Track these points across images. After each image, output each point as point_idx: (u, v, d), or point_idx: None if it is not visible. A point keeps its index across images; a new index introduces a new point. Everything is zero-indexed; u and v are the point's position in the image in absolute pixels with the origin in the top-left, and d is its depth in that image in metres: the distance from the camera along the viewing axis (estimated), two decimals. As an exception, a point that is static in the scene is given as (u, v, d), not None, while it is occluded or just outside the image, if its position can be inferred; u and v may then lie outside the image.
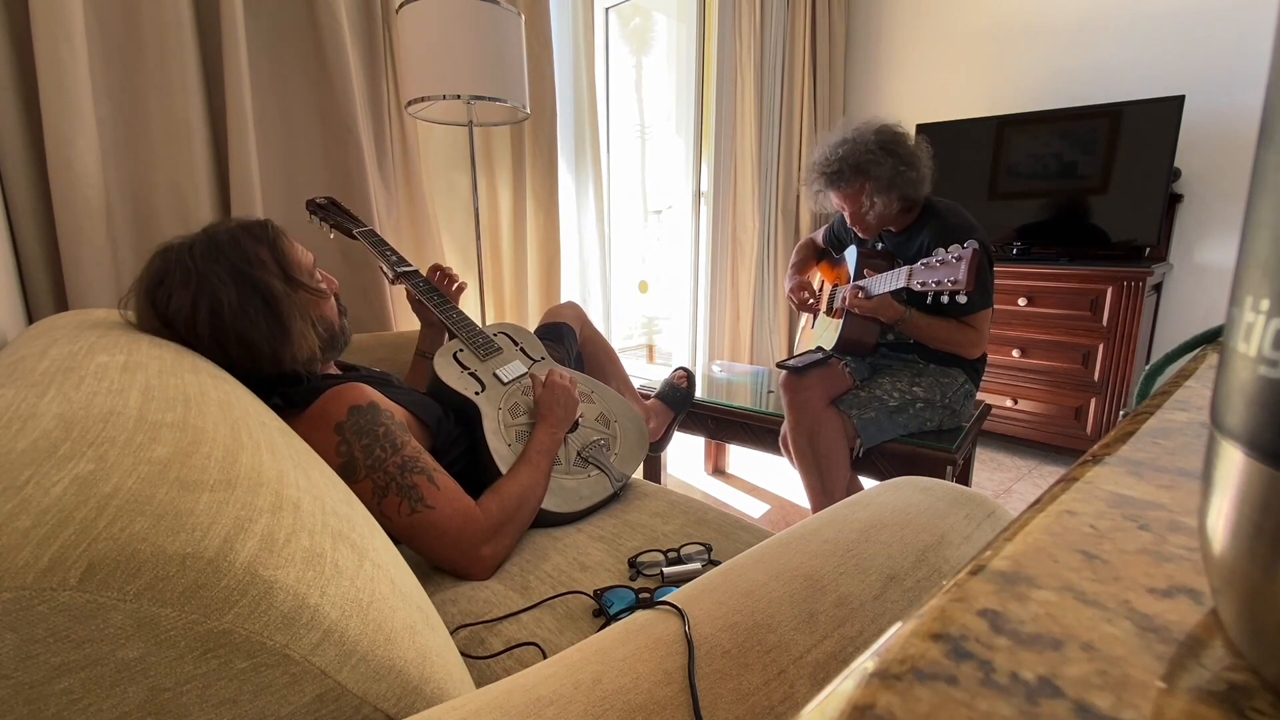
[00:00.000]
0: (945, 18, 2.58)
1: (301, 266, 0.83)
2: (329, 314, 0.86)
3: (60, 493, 0.31)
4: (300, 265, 0.83)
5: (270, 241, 0.80)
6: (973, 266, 1.11)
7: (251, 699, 0.31)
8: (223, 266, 0.74)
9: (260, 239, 0.79)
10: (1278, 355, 0.11)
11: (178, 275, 0.73)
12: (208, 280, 0.73)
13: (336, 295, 0.90)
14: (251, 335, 0.74)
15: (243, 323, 0.73)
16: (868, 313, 1.35)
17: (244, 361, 0.74)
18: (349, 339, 0.91)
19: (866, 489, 0.56)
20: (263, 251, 0.78)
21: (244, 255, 0.76)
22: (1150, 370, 0.33)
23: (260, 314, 0.74)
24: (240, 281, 0.74)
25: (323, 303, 0.85)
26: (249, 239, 0.78)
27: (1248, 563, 0.12)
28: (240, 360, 0.74)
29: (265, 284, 0.76)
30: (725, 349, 2.65)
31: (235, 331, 0.73)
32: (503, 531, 0.79)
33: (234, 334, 0.73)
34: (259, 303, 0.74)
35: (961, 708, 0.12)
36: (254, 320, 0.74)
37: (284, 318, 0.76)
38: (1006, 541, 0.17)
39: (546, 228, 1.85)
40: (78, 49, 1.00)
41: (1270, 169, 0.12)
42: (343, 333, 0.88)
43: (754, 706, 0.33)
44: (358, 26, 1.41)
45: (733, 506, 1.88)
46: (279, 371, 0.77)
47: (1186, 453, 0.23)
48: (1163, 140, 1.94)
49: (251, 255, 0.77)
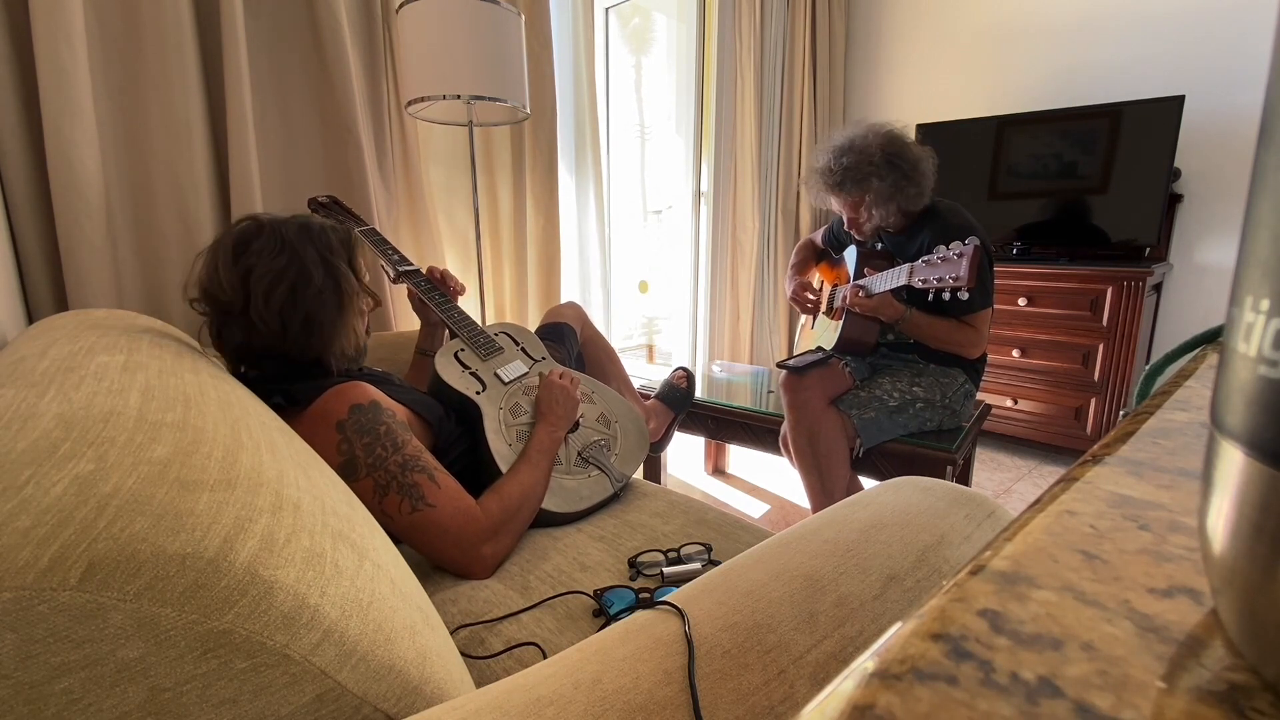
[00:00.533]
0: (945, 18, 2.58)
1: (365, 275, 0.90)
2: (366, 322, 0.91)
3: (60, 493, 0.31)
4: (365, 273, 0.90)
5: (349, 244, 0.88)
6: (974, 262, 1.11)
7: (251, 699, 0.31)
8: (314, 249, 0.81)
9: (344, 240, 0.87)
10: (1278, 355, 0.11)
11: (272, 243, 0.78)
12: (300, 256, 0.79)
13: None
14: (319, 317, 0.79)
15: (316, 303, 0.79)
16: (869, 311, 1.35)
17: (298, 339, 0.78)
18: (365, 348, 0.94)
19: (866, 489, 0.56)
20: (345, 253, 0.86)
21: (330, 246, 0.83)
22: (1150, 370, 0.33)
23: (332, 301, 0.81)
24: (327, 267, 0.81)
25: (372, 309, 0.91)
26: (335, 235, 0.85)
27: (1248, 563, 0.12)
28: (295, 337, 0.78)
29: (345, 277, 0.83)
30: (725, 349, 2.65)
31: (307, 310, 0.78)
32: (503, 531, 0.79)
33: (304, 311, 0.78)
34: (334, 290, 0.81)
35: (961, 708, 0.12)
36: (326, 304, 0.80)
37: (347, 311, 0.83)
38: (1006, 541, 0.17)
39: (546, 228, 1.85)
40: (78, 49, 1.00)
41: (1270, 169, 0.12)
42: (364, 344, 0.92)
43: (754, 706, 0.33)
44: (358, 26, 1.41)
45: (733, 506, 1.88)
46: (316, 358, 0.81)
47: (1186, 453, 0.23)
48: (1163, 140, 1.94)
49: (336, 249, 0.84)
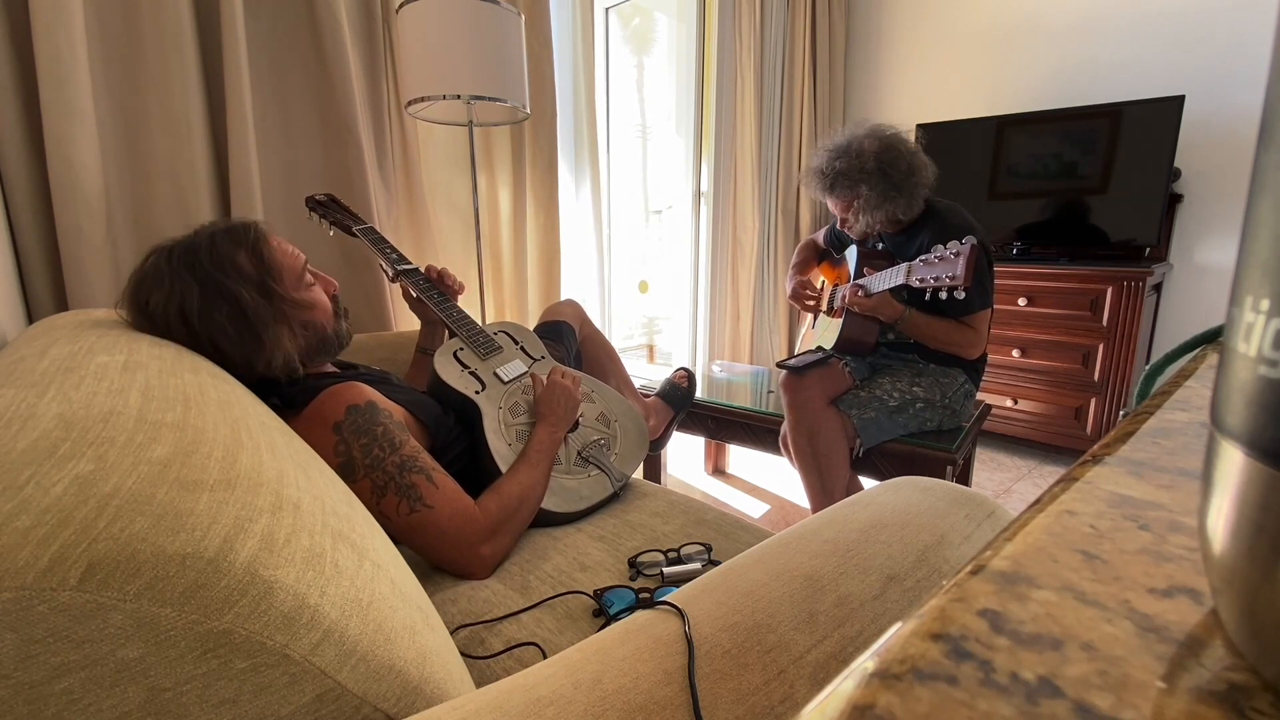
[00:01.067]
0: (945, 18, 2.58)
1: (284, 272, 0.81)
2: (317, 318, 0.84)
3: (60, 493, 0.31)
4: (283, 271, 0.81)
5: (251, 246, 0.78)
6: (971, 262, 1.11)
7: (251, 699, 0.31)
8: (195, 272, 0.74)
9: (240, 243, 0.78)
10: (1278, 355, 0.11)
11: (153, 276, 0.74)
12: (176, 284, 0.73)
13: (335, 297, 0.89)
14: (219, 340, 0.73)
15: (210, 327, 0.73)
16: (867, 311, 1.35)
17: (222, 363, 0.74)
18: (346, 342, 0.90)
19: (866, 489, 0.56)
20: (241, 257, 0.77)
21: (218, 261, 0.75)
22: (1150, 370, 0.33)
23: (227, 320, 0.73)
24: (206, 287, 0.74)
25: (307, 309, 0.82)
26: (228, 243, 0.77)
27: (1248, 563, 0.12)
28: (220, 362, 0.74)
29: (233, 292, 0.74)
30: (725, 349, 2.65)
31: (205, 335, 0.73)
32: (502, 531, 0.79)
33: (205, 337, 0.73)
34: (225, 309, 0.74)
35: (961, 708, 0.12)
36: (220, 326, 0.73)
37: (255, 325, 0.75)
38: (1006, 541, 0.17)
39: (546, 228, 1.85)
40: (78, 48, 1.00)
41: (1270, 169, 0.12)
42: (336, 336, 0.87)
43: (754, 706, 0.33)
44: (358, 26, 1.41)
45: (733, 506, 1.88)
46: (257, 376, 0.76)
47: (1186, 453, 0.23)
48: (1163, 140, 1.94)
49: (226, 261, 0.76)
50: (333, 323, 0.87)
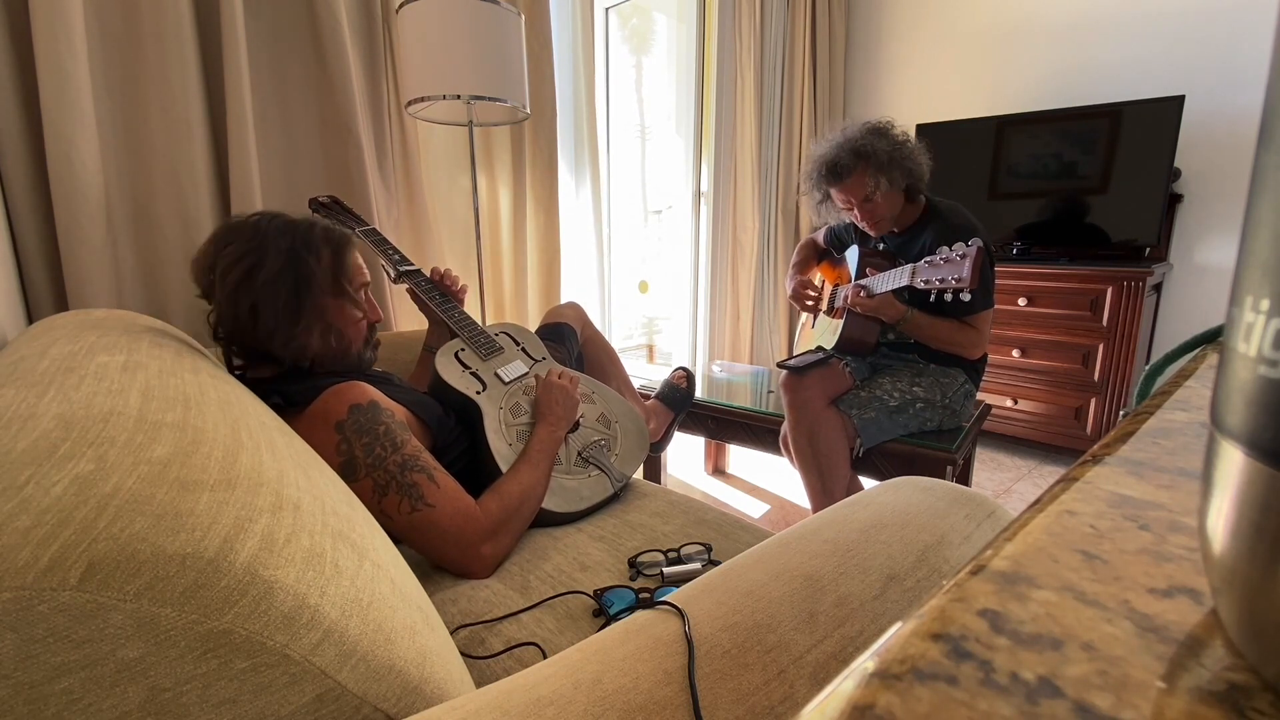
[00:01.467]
0: (945, 18, 2.58)
1: (351, 283, 0.88)
2: (349, 333, 0.88)
3: (60, 493, 0.31)
4: (351, 281, 0.88)
5: (337, 248, 0.86)
6: (977, 264, 1.11)
7: (251, 699, 0.31)
8: (284, 241, 0.80)
9: (328, 238, 0.85)
10: (1278, 355, 0.11)
11: (249, 231, 0.80)
12: (264, 244, 0.79)
13: (374, 325, 0.93)
14: (265, 308, 0.78)
15: (266, 293, 0.78)
16: (870, 311, 1.34)
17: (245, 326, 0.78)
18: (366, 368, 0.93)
19: (866, 489, 0.56)
20: (326, 251, 0.84)
21: (308, 243, 0.82)
22: (1150, 370, 0.33)
23: (286, 293, 0.79)
24: (291, 260, 0.80)
25: (348, 322, 0.87)
26: (322, 235, 0.85)
27: (1248, 563, 0.12)
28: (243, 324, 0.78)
29: (308, 273, 0.81)
30: (725, 349, 2.65)
31: (254, 297, 0.77)
32: (503, 530, 0.79)
33: (252, 299, 0.77)
34: (291, 283, 0.80)
35: (961, 708, 0.12)
36: (275, 295, 0.78)
37: (302, 308, 0.81)
38: (1006, 541, 0.17)
39: (546, 228, 1.85)
40: (78, 49, 1.00)
41: (1270, 169, 0.12)
42: (359, 358, 0.90)
43: (754, 706, 0.33)
44: (358, 26, 1.41)
45: (733, 506, 1.88)
46: (267, 350, 0.80)
47: (1186, 453, 0.23)
48: (1163, 140, 1.94)
49: (315, 246, 0.83)
50: (359, 345, 0.90)
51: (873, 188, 1.34)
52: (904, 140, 1.36)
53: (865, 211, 1.39)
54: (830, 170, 1.37)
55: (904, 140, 1.36)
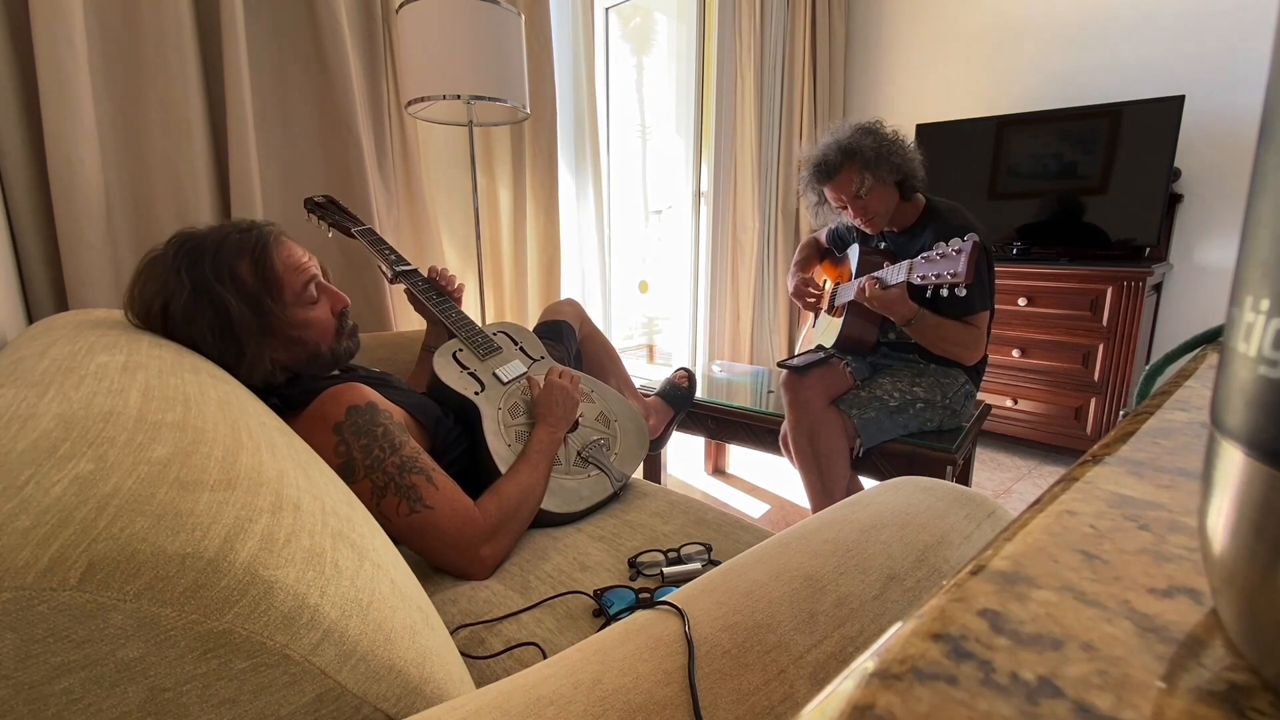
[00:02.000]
0: (945, 18, 2.58)
1: (284, 287, 0.79)
2: (310, 336, 0.82)
3: (60, 493, 0.31)
4: (283, 286, 0.78)
5: (256, 255, 0.77)
6: (972, 258, 1.11)
7: (251, 699, 0.31)
8: (193, 273, 0.73)
9: (243, 249, 0.76)
10: (1278, 355, 0.11)
11: (155, 268, 0.74)
12: (170, 280, 0.72)
13: (344, 313, 0.87)
14: (197, 342, 0.72)
15: (189, 329, 0.72)
16: (883, 304, 1.31)
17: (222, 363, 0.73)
18: (344, 359, 0.88)
19: (866, 489, 0.56)
20: (243, 266, 0.76)
21: (217, 267, 0.74)
22: (1150, 370, 0.33)
23: (208, 327, 0.72)
24: (199, 291, 0.72)
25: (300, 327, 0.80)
26: (231, 249, 0.76)
27: (1248, 563, 0.12)
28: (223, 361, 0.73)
29: (222, 301, 0.73)
30: (725, 349, 2.65)
31: (185, 335, 0.72)
32: (502, 531, 0.79)
33: (185, 335, 0.72)
34: (210, 316, 0.72)
35: (961, 708, 0.12)
36: (201, 331, 0.72)
37: (239, 336, 0.74)
38: (1006, 541, 0.17)
39: (546, 228, 1.85)
40: (78, 49, 1.00)
41: (1270, 169, 0.12)
42: (332, 354, 0.85)
43: (754, 706, 0.33)
44: (358, 26, 1.41)
45: (733, 506, 1.88)
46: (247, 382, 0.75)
47: (1186, 453, 0.23)
48: (1163, 140, 1.94)
49: (226, 269, 0.74)
50: (330, 341, 0.84)
51: (860, 184, 1.35)
52: (892, 137, 1.36)
53: (857, 208, 1.39)
54: (819, 169, 1.39)
55: (892, 137, 1.36)
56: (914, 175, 1.38)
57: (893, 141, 1.36)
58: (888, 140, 1.35)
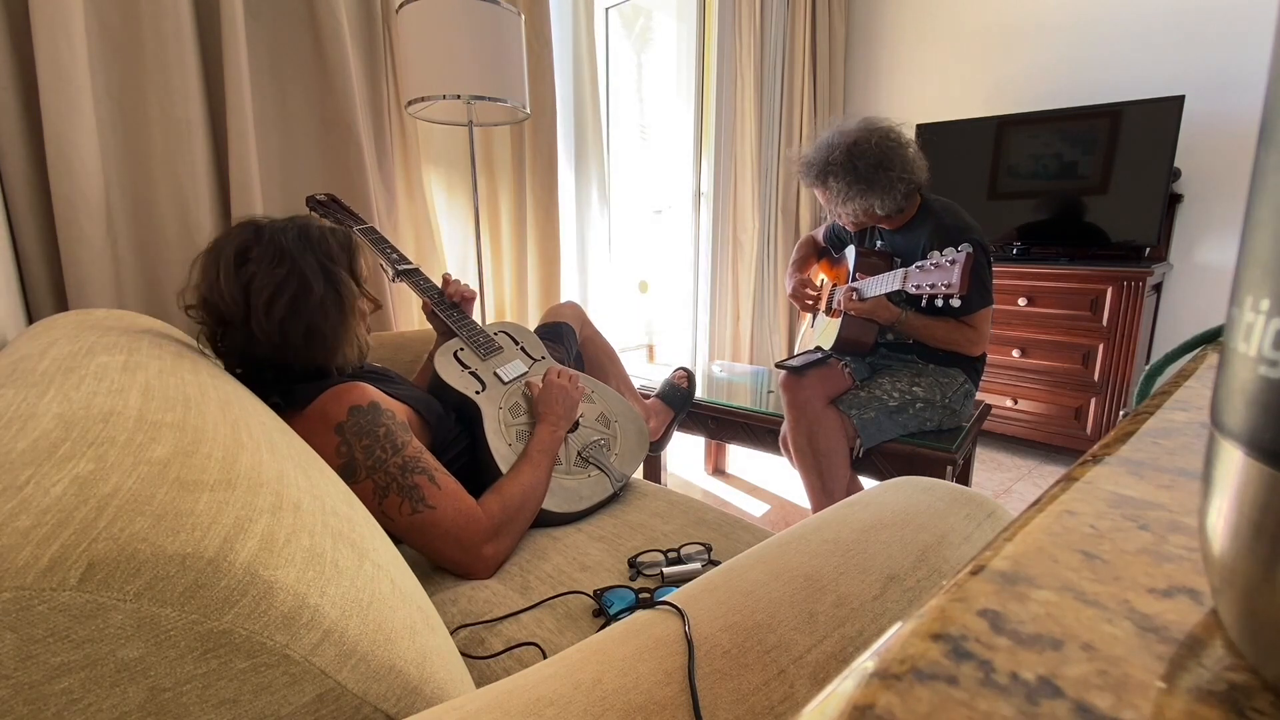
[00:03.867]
0: (945, 18, 2.58)
1: (366, 278, 0.88)
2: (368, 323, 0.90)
3: (60, 493, 0.31)
4: (366, 276, 0.88)
5: (350, 248, 0.85)
6: (967, 270, 1.12)
7: (251, 699, 0.31)
8: (314, 257, 0.79)
9: (342, 245, 0.84)
10: (1278, 355, 0.11)
11: (270, 252, 0.76)
12: (300, 265, 0.77)
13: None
14: (322, 328, 0.78)
15: (318, 314, 0.77)
16: (864, 314, 1.35)
17: (299, 350, 0.77)
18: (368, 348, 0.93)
19: (866, 489, 0.56)
20: (344, 257, 0.84)
21: (330, 254, 0.81)
22: (1150, 370, 0.33)
23: (334, 311, 0.79)
24: (328, 276, 0.79)
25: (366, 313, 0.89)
26: (335, 241, 0.83)
27: (1248, 563, 0.12)
28: (296, 348, 0.77)
29: (345, 285, 0.81)
30: (725, 349, 2.65)
31: (308, 320, 0.76)
32: (504, 531, 0.79)
33: (306, 323, 0.76)
34: (335, 299, 0.80)
35: (961, 708, 0.12)
36: (328, 314, 0.78)
37: (349, 319, 0.82)
38: (1006, 541, 0.17)
39: (546, 228, 1.85)
40: (78, 49, 1.00)
41: (1270, 169, 0.12)
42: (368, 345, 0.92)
43: (754, 706, 0.33)
44: (358, 26, 1.41)
45: (733, 506, 1.88)
46: (317, 366, 0.80)
47: (1186, 453, 0.23)
48: (1163, 140, 1.94)
49: (336, 255, 0.82)
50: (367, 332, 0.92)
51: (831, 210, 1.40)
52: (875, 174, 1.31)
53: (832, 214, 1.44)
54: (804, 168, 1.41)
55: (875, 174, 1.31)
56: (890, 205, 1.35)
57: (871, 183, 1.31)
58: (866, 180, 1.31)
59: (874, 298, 1.32)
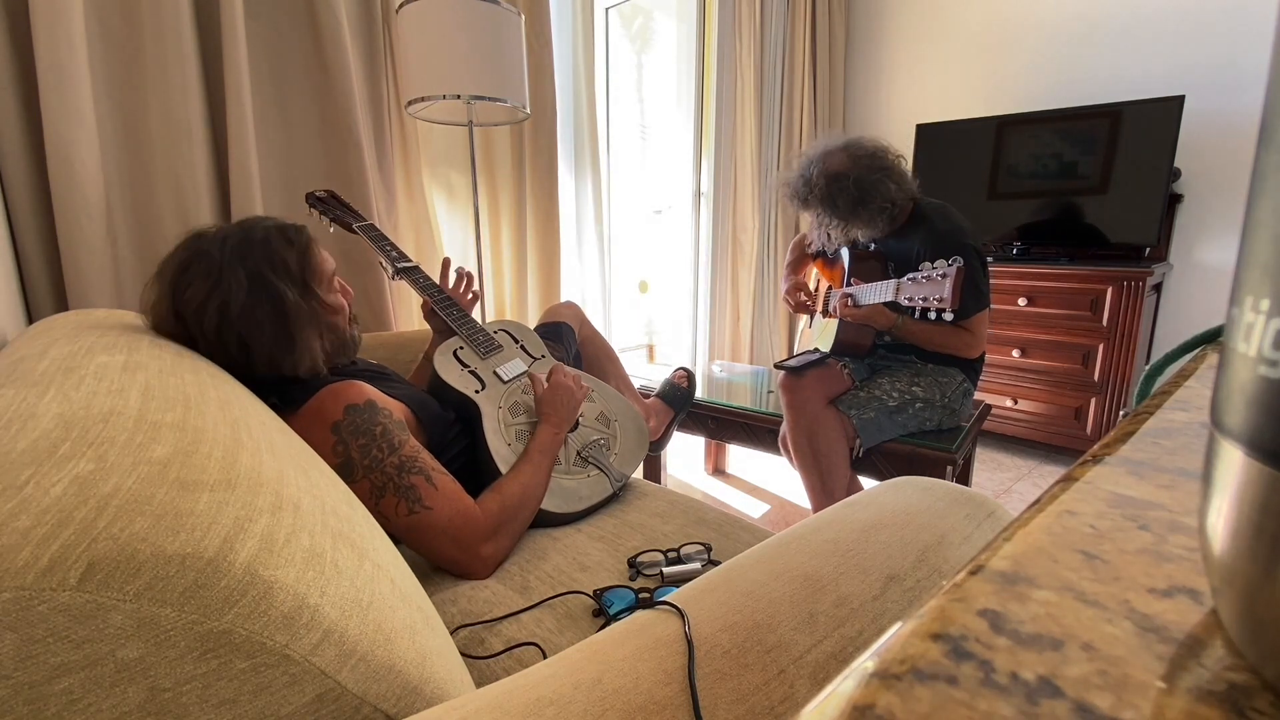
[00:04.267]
0: (945, 18, 2.58)
1: (323, 277, 0.84)
2: (340, 324, 0.87)
3: (60, 493, 0.31)
4: (322, 276, 0.84)
5: (301, 248, 0.81)
6: (957, 284, 1.12)
7: (251, 699, 0.31)
8: (247, 265, 0.75)
9: (292, 243, 0.80)
10: (1278, 355, 0.11)
11: (201, 265, 0.74)
12: (225, 275, 0.74)
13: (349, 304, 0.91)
14: (253, 338, 0.74)
15: (248, 324, 0.74)
16: (859, 320, 1.35)
17: (241, 362, 0.75)
18: (358, 346, 0.92)
19: (866, 489, 0.56)
20: (291, 257, 0.79)
21: (270, 258, 0.77)
22: (1150, 370, 0.33)
23: (267, 320, 0.75)
24: (256, 284, 0.75)
25: (334, 312, 0.85)
26: (281, 241, 0.79)
27: (1248, 563, 0.12)
28: (238, 361, 0.75)
29: (279, 292, 0.76)
30: (725, 349, 2.65)
31: (238, 332, 0.73)
32: (503, 531, 0.79)
33: (236, 334, 0.73)
34: (269, 309, 0.75)
35: (961, 708, 0.12)
36: (259, 324, 0.74)
37: (291, 327, 0.77)
38: (1006, 541, 0.17)
39: (546, 228, 1.85)
40: (78, 49, 1.00)
41: (1270, 169, 0.12)
42: (351, 341, 0.90)
43: (754, 706, 0.33)
44: (358, 26, 1.41)
45: (733, 506, 1.88)
46: (275, 375, 0.77)
47: (1186, 453, 0.23)
48: (1163, 140, 1.94)
49: (278, 259, 0.78)
50: (347, 330, 0.89)
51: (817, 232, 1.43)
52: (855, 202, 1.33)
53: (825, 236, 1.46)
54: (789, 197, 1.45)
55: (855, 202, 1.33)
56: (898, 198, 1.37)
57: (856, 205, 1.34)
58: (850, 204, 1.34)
59: (869, 305, 1.33)
